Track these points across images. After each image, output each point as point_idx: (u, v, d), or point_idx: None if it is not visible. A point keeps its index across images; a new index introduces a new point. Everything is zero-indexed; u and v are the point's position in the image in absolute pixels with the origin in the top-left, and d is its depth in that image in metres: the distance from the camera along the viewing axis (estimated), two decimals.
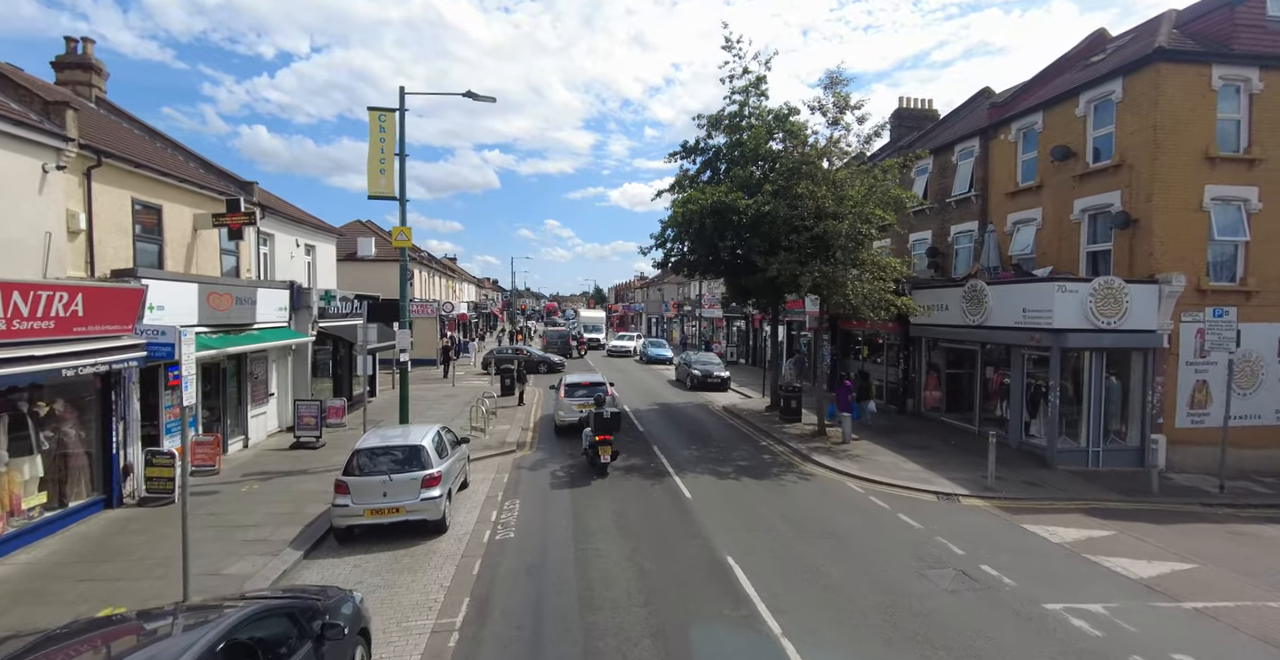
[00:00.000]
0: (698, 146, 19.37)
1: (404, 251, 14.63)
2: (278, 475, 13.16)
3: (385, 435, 10.88)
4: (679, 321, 57.56)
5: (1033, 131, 18.35)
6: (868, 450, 15.55)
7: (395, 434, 10.95)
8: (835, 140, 16.86)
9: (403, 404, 15.01)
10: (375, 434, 11.08)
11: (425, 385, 28.03)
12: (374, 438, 10.62)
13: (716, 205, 16.88)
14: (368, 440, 10.44)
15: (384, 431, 11.50)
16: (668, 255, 19.54)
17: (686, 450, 15.64)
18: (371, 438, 10.62)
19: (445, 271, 49.80)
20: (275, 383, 17.45)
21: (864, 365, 23.84)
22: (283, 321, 17.17)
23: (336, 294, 18.39)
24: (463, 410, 20.69)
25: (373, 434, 11.07)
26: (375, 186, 14.21)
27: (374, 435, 10.88)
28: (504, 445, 15.95)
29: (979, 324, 16.82)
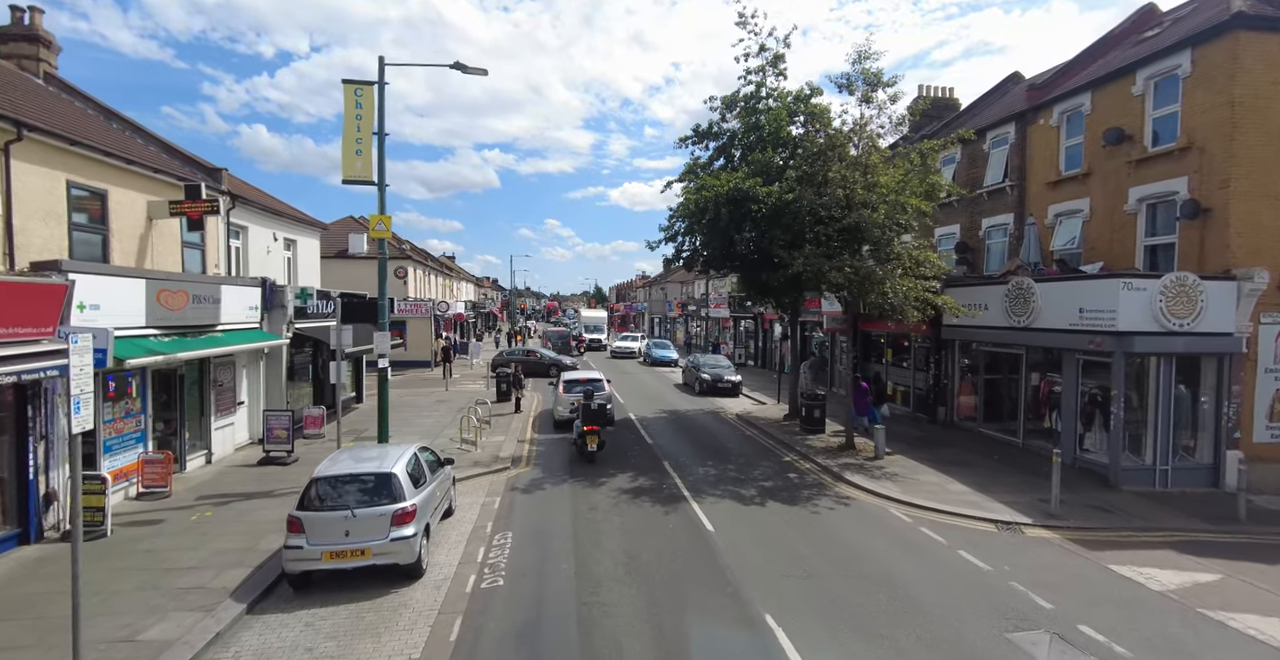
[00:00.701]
0: (710, 131, 17.69)
1: (383, 244, 12.97)
2: (237, 498, 11.50)
3: (353, 458, 9.20)
4: (683, 321, 55.91)
5: (1079, 114, 16.67)
6: (905, 468, 13.89)
7: (367, 456, 9.25)
8: (865, 121, 15.19)
9: (381, 418, 13.35)
10: (343, 456, 9.39)
11: (418, 389, 26.38)
12: (338, 462, 8.94)
13: (734, 193, 15.20)
14: (331, 465, 8.75)
15: (354, 452, 9.79)
16: (678, 249, 17.86)
17: (702, 467, 13.97)
18: (335, 462, 8.94)
19: (442, 270, 48.16)
20: (245, 390, 15.79)
21: (887, 369, 22.18)
22: (253, 322, 15.53)
23: (313, 291, 16.74)
24: (455, 418, 19.04)
25: (339, 457, 9.37)
26: (350, 169, 12.55)
27: (340, 458, 9.21)
28: (496, 461, 14.28)
29: (1025, 325, 15.16)
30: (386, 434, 13.38)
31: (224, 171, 15.71)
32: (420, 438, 16.84)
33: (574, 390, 18.06)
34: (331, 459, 9.11)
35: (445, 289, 49.09)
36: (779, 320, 30.65)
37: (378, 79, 12.64)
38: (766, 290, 17.12)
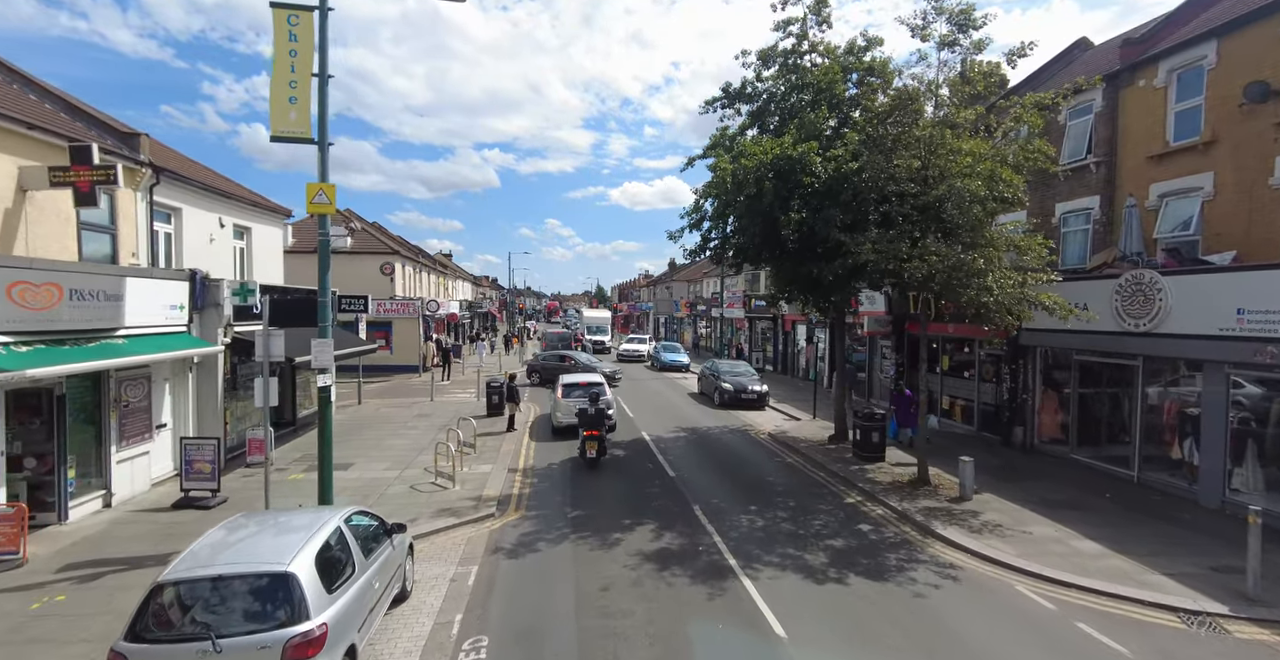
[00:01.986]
0: (744, 91, 14.47)
1: (325, 222, 9.84)
2: (117, 567, 8.38)
3: (239, 540, 5.97)
4: (691, 322, 52.75)
5: (1198, 69, 13.51)
6: (1004, 513, 10.76)
7: (257, 542, 6.01)
8: (950, 71, 12.04)
9: (322, 465, 10.07)
10: (219, 536, 6.07)
11: (400, 400, 23.25)
12: (207, 549, 5.70)
13: (781, 162, 12.08)
14: (191, 561, 5.48)
15: (251, 525, 6.49)
16: (705, 238, 14.69)
17: (744, 514, 10.81)
18: (205, 554, 5.66)
19: (436, 267, 45.05)
20: (169, 410, 12.69)
21: (942, 380, 19.03)
22: (177, 325, 12.44)
23: (255, 287, 13.62)
24: (436, 438, 15.92)
25: (215, 537, 6.06)
26: (281, 122, 9.42)
27: (213, 540, 5.95)
28: (479, 504, 11.13)
29: (1146, 330, 12.05)
30: (328, 488, 10.05)
31: (143, 137, 12.61)
32: (389, 467, 13.74)
33: (574, 395, 17.04)
34: (201, 543, 5.85)
35: (439, 287, 45.98)
36: (808, 322, 27.47)
37: (318, 3, 9.52)
38: (813, 285, 13.94)
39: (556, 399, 18.01)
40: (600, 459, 14.02)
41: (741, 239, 13.77)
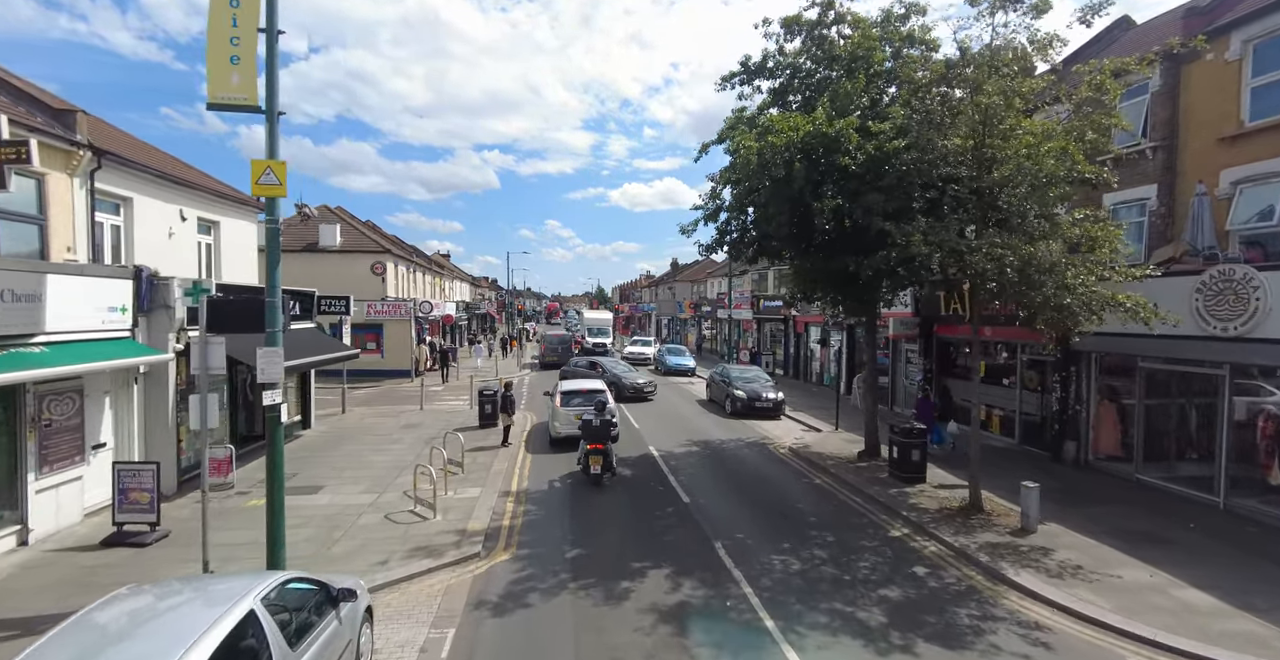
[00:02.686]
0: (765, 65, 12.80)
1: (274, 207, 8.18)
2: (1, 632, 6.74)
3: (85, 638, 4.11)
4: (695, 323, 51.11)
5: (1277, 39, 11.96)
6: (1080, 549, 9.13)
7: (128, 634, 4.24)
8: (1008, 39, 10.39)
9: (273, 503, 8.12)
10: (71, 636, 4.16)
11: (387, 408, 21.62)
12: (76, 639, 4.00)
13: (813, 140, 10.45)
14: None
15: (115, 614, 4.50)
16: (722, 231, 13.03)
17: (775, 553, 9.16)
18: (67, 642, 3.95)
19: (431, 267, 43.47)
20: (109, 428, 11.06)
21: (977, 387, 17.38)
22: (118, 329, 10.83)
23: (211, 286, 11.97)
24: (421, 455, 14.30)
25: (66, 638, 4.14)
26: (221, 85, 7.78)
27: (63, 642, 4.11)
28: (463, 541, 9.48)
29: (1237, 334, 10.43)
30: (279, 533, 8.09)
31: (80, 114, 10.99)
32: (364, 489, 12.11)
33: (573, 403, 15.90)
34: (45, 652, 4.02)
35: (435, 288, 44.39)
36: (824, 324, 25.83)
37: None
38: (845, 283, 12.29)
39: (554, 407, 16.52)
40: (605, 476, 12.46)
41: (767, 229, 12.05)
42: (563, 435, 15.63)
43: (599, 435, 12.40)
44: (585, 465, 12.40)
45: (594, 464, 12.21)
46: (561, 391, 16.86)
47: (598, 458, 12.23)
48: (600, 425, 12.43)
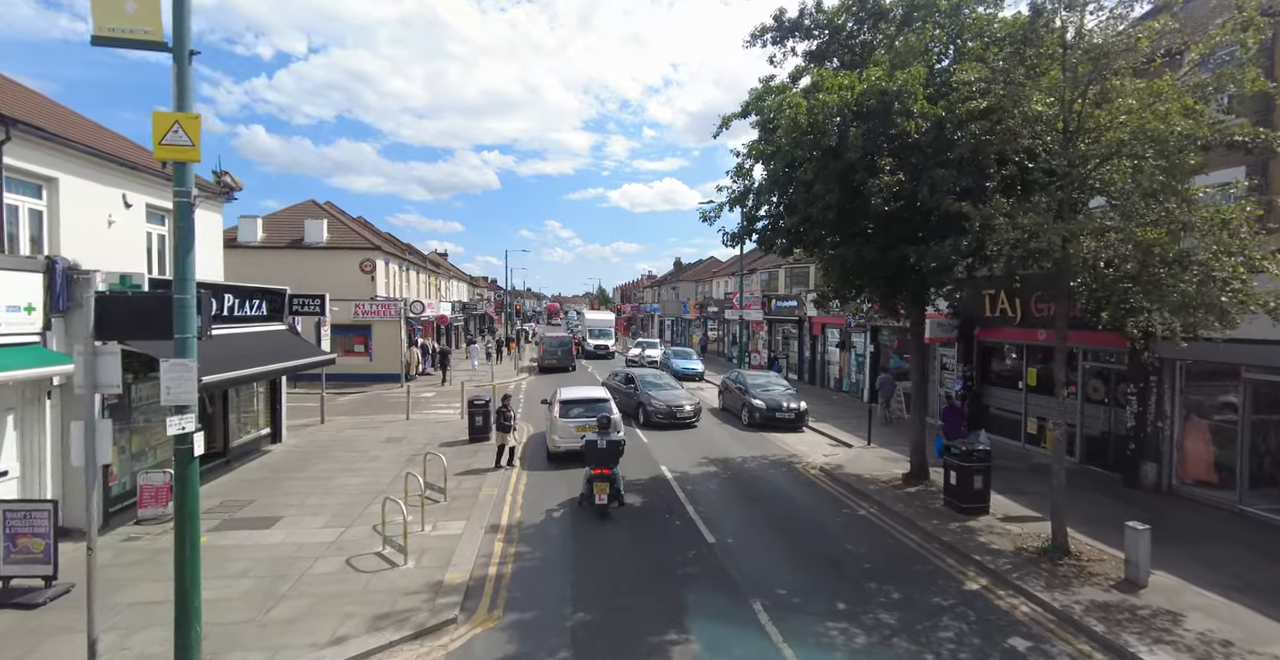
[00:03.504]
0: (801, 22, 10.80)
1: (184, 174, 6.29)
2: None
3: None
4: (701, 324, 49.22)
5: None
6: (1219, 617, 7.23)
7: None
8: None
9: (182, 575, 5.89)
10: None
11: (371, 418, 19.71)
12: None
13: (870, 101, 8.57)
14: None
15: None
16: (749, 216, 11.10)
17: (830, 617, 7.25)
18: None
19: (426, 266, 41.59)
20: (13, 452, 9.17)
21: (1026, 398, 15.51)
22: (23, 333, 8.96)
23: (143, 281, 10.09)
24: (401, 474, 12.44)
25: None
26: (111, 13, 5.90)
27: None
28: (436, 599, 7.57)
29: None
30: (191, 620, 5.77)
31: None
32: (328, 522, 10.22)
33: (574, 414, 14.43)
34: None
35: (430, 288, 42.53)
36: (845, 325, 23.92)
37: None
38: (897, 277, 10.37)
39: (553, 418, 14.81)
40: (612, 507, 10.59)
41: (810, 213, 9.96)
42: (562, 449, 14.06)
43: (605, 459, 10.54)
44: (589, 493, 10.53)
45: (599, 492, 10.34)
46: (560, 400, 15.11)
47: (603, 485, 10.36)
48: (606, 448, 10.56)
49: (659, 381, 20.26)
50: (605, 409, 15.01)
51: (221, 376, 10.77)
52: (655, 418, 18.19)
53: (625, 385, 20.35)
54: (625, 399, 19.00)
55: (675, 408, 18.34)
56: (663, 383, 20.18)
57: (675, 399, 18.80)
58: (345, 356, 29.84)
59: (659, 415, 18.19)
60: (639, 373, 21.24)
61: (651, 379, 20.37)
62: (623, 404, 17.79)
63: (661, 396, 18.77)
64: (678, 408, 18.35)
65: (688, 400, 18.88)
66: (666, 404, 18.41)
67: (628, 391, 19.70)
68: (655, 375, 21.18)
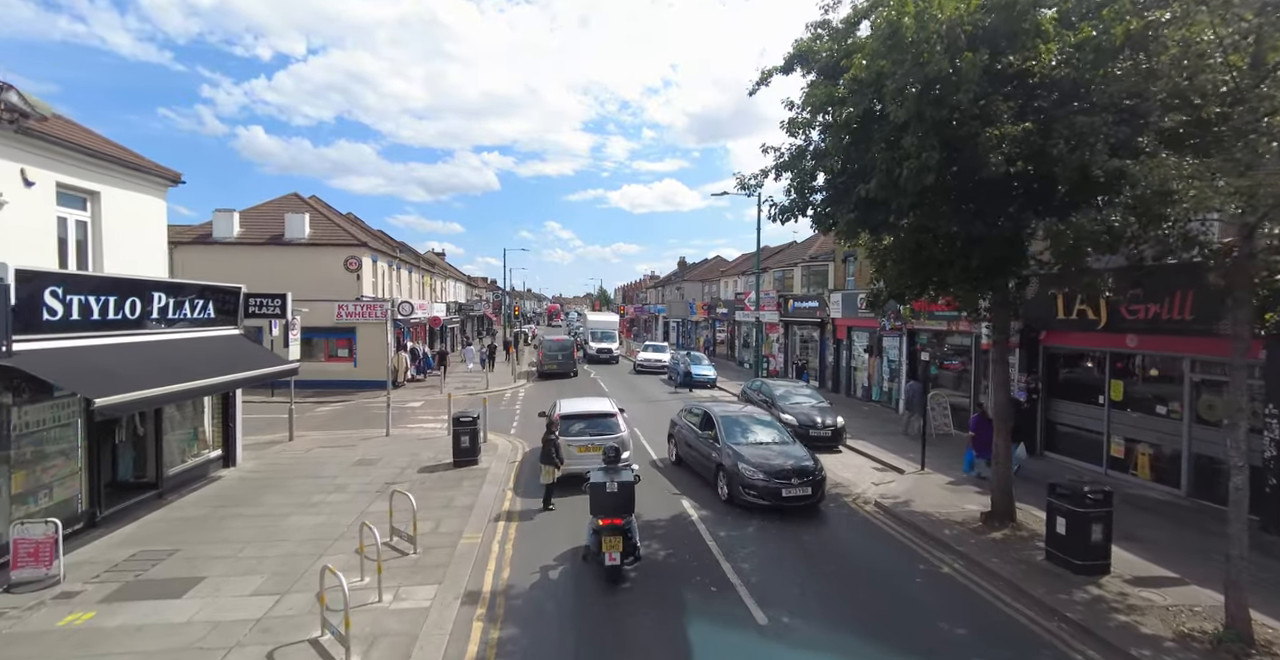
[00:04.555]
0: None
1: None
2: None
3: None
4: (709, 326, 46.88)
5: None
6: None
7: None
8: None
9: None
10: None
11: (346, 433, 17.37)
12: None
13: (986, 17, 6.23)
14: None
15: None
16: (800, 180, 8.63)
17: None
18: None
19: (419, 265, 39.28)
20: None
21: (1109, 412, 13.18)
22: None
23: (8, 272, 7.77)
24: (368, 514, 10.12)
25: None
26: None
27: None
28: None
29: None
30: None
31: None
32: (260, 586, 7.88)
33: (574, 431, 12.67)
34: None
35: (425, 288, 40.25)
36: (877, 329, 21.56)
37: None
38: (999, 267, 7.98)
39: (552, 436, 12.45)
40: (626, 563, 8.22)
41: (899, 173, 7.21)
42: (561, 473, 11.85)
43: (616, 507, 8.17)
44: (595, 549, 8.15)
45: (609, 550, 7.96)
46: (560, 416, 12.99)
47: (615, 540, 7.99)
48: (619, 492, 8.16)
49: (754, 428, 12.72)
50: (612, 427, 12.84)
51: (130, 397, 8.43)
52: (747, 495, 10.85)
53: (701, 431, 13.14)
54: (697, 454, 13.04)
55: (781, 481, 10.71)
56: (763, 433, 12.57)
57: (785, 461, 11.13)
58: (328, 362, 27.59)
59: (753, 492, 10.79)
60: (720, 412, 13.35)
61: (744, 424, 12.83)
62: (693, 461, 13.19)
63: (755, 459, 11.24)
64: (786, 481, 10.73)
65: (810, 466, 11.16)
66: (765, 475, 10.81)
67: (702, 441, 12.85)
68: (749, 416, 13.44)
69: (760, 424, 13.08)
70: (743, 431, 12.54)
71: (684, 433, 13.95)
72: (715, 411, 13.36)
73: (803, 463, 11.20)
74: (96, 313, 9.60)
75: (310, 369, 27.01)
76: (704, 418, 13.43)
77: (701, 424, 13.37)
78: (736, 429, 12.60)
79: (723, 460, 11.66)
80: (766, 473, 10.84)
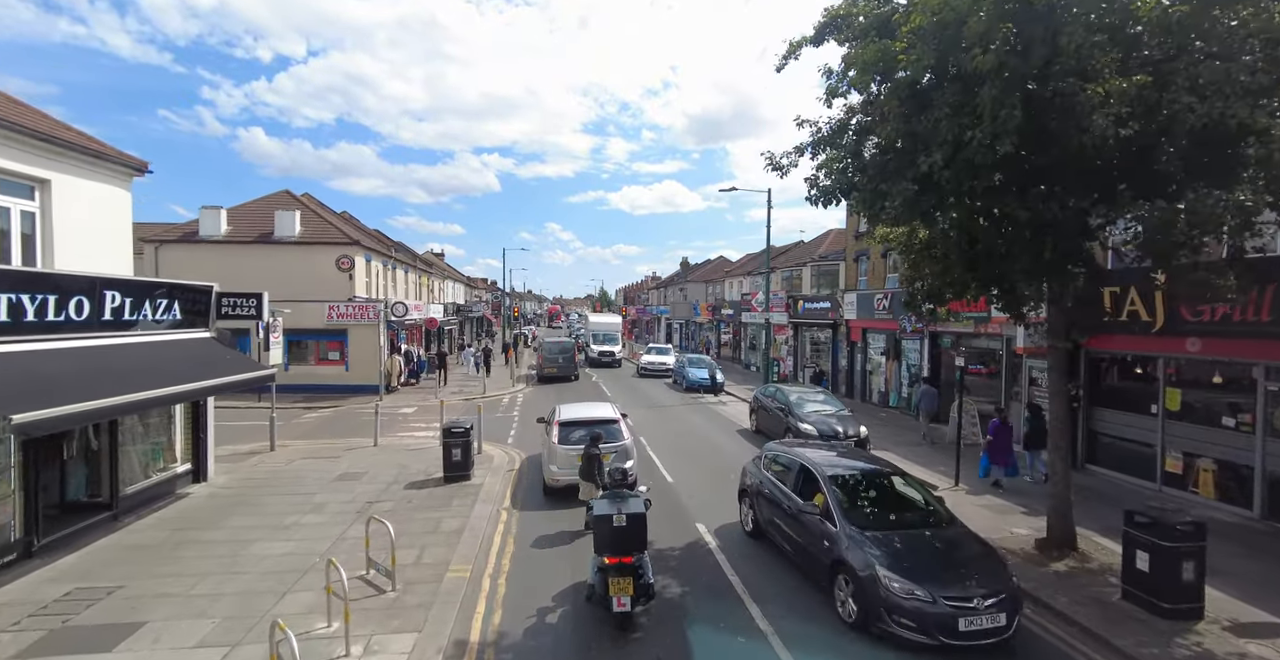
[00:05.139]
0: None
1: None
2: None
3: None
4: (714, 328, 45.71)
5: None
6: None
7: None
8: None
9: None
10: None
11: (328, 444, 16.17)
12: None
13: None
14: None
15: None
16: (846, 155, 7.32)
17: None
18: None
19: (416, 264, 38.13)
20: None
21: (1163, 424, 12.00)
22: None
23: None
24: (345, 539, 8.99)
25: None
26: None
27: None
28: None
29: None
30: None
31: None
32: (210, 632, 6.70)
33: (572, 440, 11.69)
34: None
35: (423, 289, 39.11)
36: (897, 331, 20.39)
37: None
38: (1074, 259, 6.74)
39: (550, 444, 12.04)
40: (639, 607, 6.99)
41: (971, 139, 5.99)
42: (561, 484, 11.52)
43: (625, 543, 6.90)
44: (602, 591, 6.89)
45: (618, 593, 6.73)
46: (560, 422, 12.10)
47: (624, 582, 6.77)
48: (628, 525, 6.90)
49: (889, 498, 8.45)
50: (614, 434, 11.92)
51: (56, 413, 7.26)
52: (894, 624, 6.58)
53: (792, 491, 8.70)
54: (788, 533, 8.60)
55: (957, 603, 6.49)
56: (908, 508, 8.31)
57: (958, 563, 7.10)
58: (319, 365, 26.42)
59: (905, 619, 6.55)
60: (826, 465, 8.66)
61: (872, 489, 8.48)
62: (783, 539, 8.75)
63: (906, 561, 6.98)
64: (963, 602, 6.50)
65: (1001, 571, 7.12)
66: (928, 591, 6.53)
67: (799, 517, 8.31)
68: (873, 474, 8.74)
69: (896, 489, 8.47)
70: (871, 505, 8.01)
71: (764, 492, 9.33)
72: (819, 465, 8.51)
73: (988, 565, 7.03)
74: (32, 313, 8.45)
75: (300, 373, 25.96)
76: (800, 474, 8.69)
77: (797, 483, 8.62)
78: (861, 503, 7.99)
79: (844, 554, 7.20)
80: (930, 586, 6.51)
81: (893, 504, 8.25)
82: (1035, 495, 12.05)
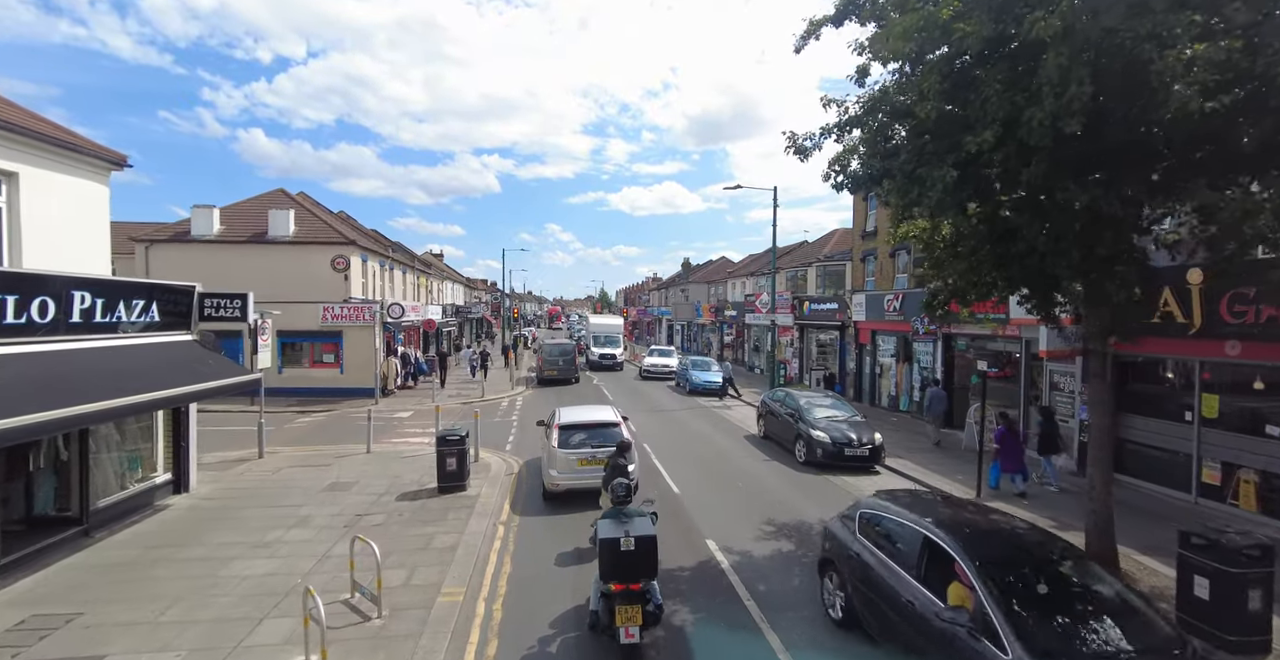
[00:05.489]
0: None
1: None
2: None
3: None
4: (716, 330, 45.06)
5: None
6: None
7: None
8: None
9: None
10: None
11: (319, 450, 15.52)
12: None
13: None
14: None
15: None
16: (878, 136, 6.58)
17: None
18: None
19: (414, 265, 37.49)
20: None
21: (1199, 432, 11.35)
22: None
23: None
24: (330, 557, 8.34)
25: None
26: None
27: None
28: None
29: None
30: None
31: None
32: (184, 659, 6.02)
33: (573, 443, 11.43)
34: None
35: (421, 290, 38.48)
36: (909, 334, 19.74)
37: None
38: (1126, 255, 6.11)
39: (550, 447, 11.59)
40: (648, 638, 6.37)
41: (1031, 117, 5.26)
42: (561, 489, 11.27)
43: (633, 568, 6.22)
44: (607, 620, 6.23)
45: (625, 623, 6.09)
46: (560, 425, 11.63)
47: (632, 611, 6.10)
48: (637, 549, 6.23)
49: None
50: (615, 438, 11.19)
51: (15, 423, 6.61)
52: None
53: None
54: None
55: None
56: None
57: None
58: (313, 368, 25.76)
59: None
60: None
61: None
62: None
63: None
64: None
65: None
66: None
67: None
68: None
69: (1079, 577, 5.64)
70: (1051, 610, 5.07)
71: (863, 567, 6.71)
72: (952, 537, 5.75)
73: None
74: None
75: (294, 376, 25.31)
76: (923, 548, 5.97)
77: (916, 563, 5.94)
78: (1031, 605, 5.05)
79: None
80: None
81: (1079, 604, 5.17)
82: (1062, 507, 11.41)
